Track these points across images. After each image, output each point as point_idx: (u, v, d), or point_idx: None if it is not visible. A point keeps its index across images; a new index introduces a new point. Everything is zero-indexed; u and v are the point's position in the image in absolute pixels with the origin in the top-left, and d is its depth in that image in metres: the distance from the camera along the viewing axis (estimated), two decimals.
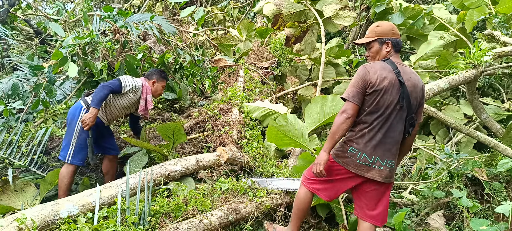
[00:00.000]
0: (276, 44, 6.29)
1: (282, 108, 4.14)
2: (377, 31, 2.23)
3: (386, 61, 2.17)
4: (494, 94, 5.41)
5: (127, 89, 3.24)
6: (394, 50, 2.21)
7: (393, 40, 2.21)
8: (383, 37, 2.21)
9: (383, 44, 2.22)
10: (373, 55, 2.26)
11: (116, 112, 3.32)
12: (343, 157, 2.19)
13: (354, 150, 2.15)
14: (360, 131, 2.14)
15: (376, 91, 2.08)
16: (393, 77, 2.09)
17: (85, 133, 3.08)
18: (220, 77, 5.43)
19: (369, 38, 2.25)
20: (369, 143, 2.12)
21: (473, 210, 2.72)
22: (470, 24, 4.84)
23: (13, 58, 4.82)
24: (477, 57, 3.82)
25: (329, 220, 3.11)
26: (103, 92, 3.05)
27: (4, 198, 2.91)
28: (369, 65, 2.14)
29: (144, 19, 4.31)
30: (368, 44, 2.27)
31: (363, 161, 2.13)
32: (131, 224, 2.33)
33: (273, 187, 3.00)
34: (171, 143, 3.50)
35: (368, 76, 2.10)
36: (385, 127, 2.11)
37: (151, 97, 3.40)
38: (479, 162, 3.37)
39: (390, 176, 2.17)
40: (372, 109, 2.11)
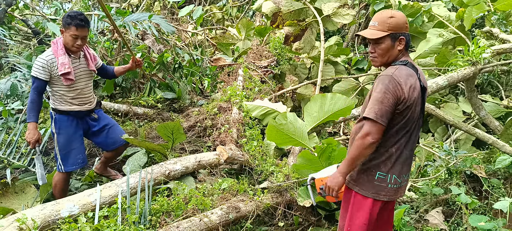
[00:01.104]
0: (275, 42, 6.29)
1: (281, 107, 4.15)
2: (391, 23, 1.76)
3: (407, 64, 1.78)
4: (493, 92, 5.42)
5: (44, 75, 2.64)
6: (405, 48, 1.81)
7: (407, 35, 1.80)
8: (398, 32, 1.77)
9: (396, 41, 1.78)
10: (381, 53, 1.81)
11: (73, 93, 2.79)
12: (371, 187, 1.82)
13: (382, 174, 1.81)
14: (386, 152, 1.80)
15: (409, 107, 1.72)
16: (418, 85, 1.75)
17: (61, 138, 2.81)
18: (219, 76, 5.43)
19: (381, 32, 1.77)
20: (397, 162, 1.81)
21: (472, 206, 2.74)
22: (469, 22, 4.85)
23: (11, 58, 4.81)
24: (476, 55, 3.83)
25: (329, 218, 3.12)
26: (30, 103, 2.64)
27: (4, 200, 2.91)
28: (397, 75, 1.72)
29: (143, 19, 4.30)
30: (377, 39, 1.79)
31: (393, 184, 1.82)
32: (131, 223, 2.34)
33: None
34: (170, 142, 3.50)
35: (400, 90, 1.69)
36: (410, 141, 1.82)
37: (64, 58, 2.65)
38: (477, 159, 3.38)
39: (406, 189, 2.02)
40: (401, 126, 1.76)
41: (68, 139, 2.83)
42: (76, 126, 2.88)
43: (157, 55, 4.63)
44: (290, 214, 3.03)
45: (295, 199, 3.00)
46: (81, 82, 2.84)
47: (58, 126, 2.82)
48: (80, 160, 2.90)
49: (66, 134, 2.83)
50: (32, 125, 2.65)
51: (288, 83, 5.85)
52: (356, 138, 1.76)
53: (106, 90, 4.50)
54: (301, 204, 2.93)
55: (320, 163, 3.01)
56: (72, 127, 2.85)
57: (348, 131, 5.05)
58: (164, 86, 4.87)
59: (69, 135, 2.83)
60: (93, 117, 2.98)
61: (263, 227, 2.92)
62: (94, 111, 3.00)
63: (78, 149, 2.88)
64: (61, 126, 2.82)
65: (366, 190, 1.83)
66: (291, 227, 2.99)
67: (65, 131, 2.82)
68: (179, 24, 6.34)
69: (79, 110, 2.86)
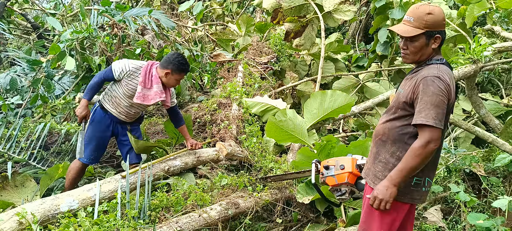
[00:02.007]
0: (276, 39, 6.28)
1: (281, 104, 4.14)
2: (428, 21, 1.64)
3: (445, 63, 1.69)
4: (493, 90, 5.42)
5: (118, 74, 2.84)
6: (439, 47, 1.71)
7: (443, 33, 1.69)
8: (434, 30, 1.65)
9: (431, 39, 1.67)
10: (414, 51, 1.70)
11: (123, 103, 2.95)
12: (408, 192, 1.74)
13: (419, 179, 1.73)
14: None
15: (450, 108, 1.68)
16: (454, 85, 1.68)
17: (89, 129, 2.96)
18: (219, 72, 5.42)
19: (416, 29, 1.66)
20: (432, 165, 1.76)
21: (470, 204, 2.74)
22: (470, 19, 4.83)
23: (10, 53, 4.80)
24: (476, 53, 3.82)
25: (328, 214, 3.13)
26: (93, 80, 2.86)
27: (4, 194, 2.91)
28: (444, 75, 1.63)
29: (142, 14, 4.28)
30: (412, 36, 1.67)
31: (427, 186, 1.77)
32: (131, 218, 2.34)
33: None
34: (174, 140, 3.50)
35: (450, 91, 1.63)
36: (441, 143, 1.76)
37: (159, 87, 2.89)
38: (477, 157, 3.38)
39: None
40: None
41: (94, 133, 2.96)
42: (108, 127, 3.00)
43: (157, 50, 4.61)
44: (289, 211, 3.04)
45: (294, 195, 3.00)
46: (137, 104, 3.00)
47: (94, 117, 2.98)
48: (94, 157, 3.00)
49: (95, 127, 2.96)
50: (84, 101, 2.85)
51: (288, 80, 5.84)
52: (415, 147, 1.63)
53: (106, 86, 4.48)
54: (300, 201, 2.94)
55: (320, 159, 3.01)
56: (104, 124, 2.98)
57: (347, 128, 5.05)
58: None
59: (97, 130, 2.96)
60: (126, 127, 3.09)
61: (262, 223, 2.93)
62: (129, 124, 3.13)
63: (98, 146, 2.99)
64: (96, 118, 2.96)
65: (402, 196, 1.73)
66: (290, 223, 3.01)
67: (96, 125, 2.96)
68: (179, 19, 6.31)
69: (116, 116, 3.01)
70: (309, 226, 2.91)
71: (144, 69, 2.88)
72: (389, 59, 5.69)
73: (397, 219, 1.78)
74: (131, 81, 2.88)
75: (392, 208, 1.72)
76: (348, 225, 2.74)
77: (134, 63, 2.90)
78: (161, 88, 2.90)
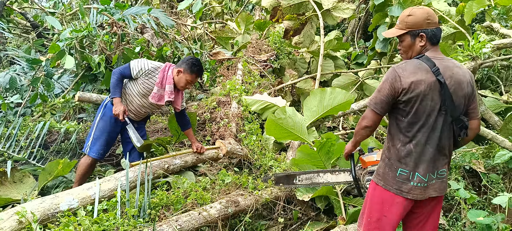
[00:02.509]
0: (275, 37, 6.26)
1: (280, 101, 4.14)
2: (409, 21, 1.85)
3: (421, 58, 1.82)
4: (493, 87, 5.42)
5: (136, 72, 2.91)
6: (430, 43, 1.84)
7: (428, 31, 1.83)
8: (416, 29, 1.84)
9: (417, 38, 1.85)
10: (405, 50, 1.91)
11: (137, 101, 3.01)
12: (394, 183, 1.85)
13: (404, 171, 1.83)
14: (405, 149, 1.83)
15: (412, 98, 1.76)
16: (430, 79, 1.76)
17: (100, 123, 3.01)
18: (219, 70, 5.41)
19: (400, 30, 1.89)
20: (420, 160, 1.81)
21: (471, 201, 2.74)
22: (469, 16, 4.82)
23: (10, 52, 4.79)
24: (476, 50, 3.82)
25: (328, 212, 3.13)
26: (113, 78, 2.89)
27: (2, 189, 2.92)
28: (400, 67, 1.80)
29: (142, 12, 4.28)
30: (399, 37, 1.90)
31: (417, 182, 1.82)
32: (131, 217, 2.34)
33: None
34: (175, 137, 3.51)
35: (399, 82, 1.77)
36: (433, 138, 1.80)
37: (171, 88, 2.94)
38: (477, 154, 3.39)
39: (445, 187, 1.91)
40: (411, 119, 1.80)
41: (105, 127, 3.00)
42: (117, 122, 3.01)
43: (156, 48, 4.61)
44: (289, 209, 3.04)
45: (294, 193, 3.00)
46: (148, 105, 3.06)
47: (104, 112, 3.02)
48: (103, 151, 3.04)
49: (106, 122, 3.00)
50: (116, 99, 2.87)
51: (287, 78, 5.84)
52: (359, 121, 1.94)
53: (105, 84, 4.48)
54: (300, 199, 2.94)
55: (320, 157, 3.02)
56: (114, 120, 2.98)
57: (347, 126, 5.06)
58: None
59: (107, 124, 3.01)
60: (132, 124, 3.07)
61: (262, 221, 2.93)
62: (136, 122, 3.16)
63: (107, 141, 3.03)
64: (106, 113, 3.00)
65: (389, 185, 1.87)
66: (290, 221, 3.01)
67: (107, 119, 3.00)
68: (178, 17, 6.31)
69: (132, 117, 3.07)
70: (309, 224, 2.91)
71: (163, 70, 2.95)
72: (389, 56, 5.69)
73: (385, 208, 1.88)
74: (148, 81, 2.94)
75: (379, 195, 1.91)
76: (348, 222, 2.74)
77: (153, 63, 2.96)
78: (171, 89, 2.94)
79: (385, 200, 1.88)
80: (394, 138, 1.87)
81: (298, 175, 2.79)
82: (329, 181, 2.63)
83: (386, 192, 1.88)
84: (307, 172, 2.74)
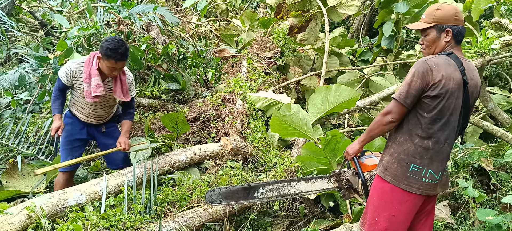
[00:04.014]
0: (279, 34, 6.25)
1: (285, 99, 4.14)
2: (437, 15, 1.80)
3: (450, 55, 1.77)
4: (501, 84, 5.35)
5: (66, 80, 2.66)
6: (455, 40, 1.81)
7: (454, 28, 1.79)
8: (443, 24, 1.79)
9: (442, 33, 1.80)
10: (428, 45, 1.85)
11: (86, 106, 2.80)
12: (404, 177, 1.80)
13: (417, 167, 1.79)
14: (422, 145, 1.78)
15: (441, 94, 1.71)
16: (459, 77, 1.73)
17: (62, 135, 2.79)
18: (223, 67, 5.42)
19: (426, 23, 1.83)
20: (436, 158, 1.78)
21: (479, 200, 2.71)
22: (476, 12, 4.76)
23: (19, 50, 4.85)
24: (484, 46, 3.77)
25: (333, 209, 3.13)
26: (52, 97, 2.73)
27: (11, 181, 3.00)
28: (431, 61, 1.74)
29: (147, 10, 4.30)
30: (424, 30, 1.85)
31: (429, 179, 1.79)
32: (137, 213, 2.37)
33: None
34: (175, 133, 3.52)
35: (430, 75, 1.71)
36: (451, 137, 1.79)
37: (97, 80, 2.60)
38: (485, 152, 3.35)
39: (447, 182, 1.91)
40: (435, 116, 1.75)
41: (68, 137, 2.82)
42: (81, 130, 2.85)
43: (161, 46, 4.63)
44: (294, 206, 3.04)
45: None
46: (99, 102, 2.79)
47: (66, 121, 2.84)
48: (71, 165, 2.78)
49: (68, 132, 2.82)
50: (54, 117, 2.73)
51: (292, 75, 5.83)
52: (378, 114, 1.84)
53: None
54: (305, 196, 2.94)
55: (325, 154, 3.01)
56: (76, 128, 2.84)
57: (352, 123, 5.04)
58: (169, 77, 4.88)
59: (70, 134, 2.82)
60: (100, 129, 2.93)
61: (267, 218, 2.94)
62: (104, 126, 2.96)
63: (72, 150, 2.82)
64: (67, 123, 2.83)
65: (398, 180, 1.81)
66: (296, 218, 3.01)
67: (69, 129, 2.82)
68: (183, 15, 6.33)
69: (85, 121, 2.85)
70: (315, 221, 2.91)
71: (86, 63, 2.64)
72: (394, 53, 5.65)
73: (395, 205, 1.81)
74: (78, 81, 2.68)
75: (389, 192, 1.83)
76: (354, 220, 2.74)
77: (75, 61, 2.69)
78: (98, 81, 2.62)
79: (394, 197, 1.81)
80: (410, 132, 1.80)
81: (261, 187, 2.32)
82: (302, 190, 2.38)
83: (394, 188, 1.81)
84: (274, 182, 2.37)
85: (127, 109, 2.95)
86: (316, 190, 2.38)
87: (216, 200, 2.34)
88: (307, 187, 2.38)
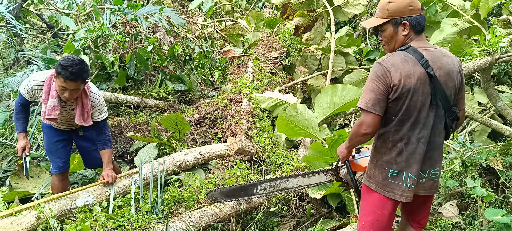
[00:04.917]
0: (285, 34, 6.25)
1: (291, 99, 4.13)
2: (390, 9, 1.69)
3: (407, 49, 1.67)
4: (510, 82, 5.28)
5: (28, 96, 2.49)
6: (414, 32, 1.69)
7: (411, 19, 1.67)
8: (398, 17, 1.68)
9: (399, 27, 1.69)
10: (387, 41, 1.75)
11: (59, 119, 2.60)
12: (386, 184, 1.74)
13: (395, 172, 1.71)
14: (395, 148, 1.70)
15: (403, 94, 1.62)
16: (420, 72, 1.62)
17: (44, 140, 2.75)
18: (229, 68, 5.43)
19: (380, 19, 1.73)
20: (413, 160, 1.68)
21: (488, 199, 2.68)
22: (484, 10, 4.70)
23: (27, 52, 4.92)
24: (492, 44, 3.72)
25: (340, 209, 3.11)
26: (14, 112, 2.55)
27: (20, 182, 3.04)
28: (387, 61, 1.64)
29: (154, 12, 4.33)
30: (380, 26, 1.74)
31: (410, 183, 1.70)
32: (144, 213, 2.38)
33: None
34: (177, 134, 3.53)
35: (389, 76, 1.61)
36: (424, 134, 1.67)
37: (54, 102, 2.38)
38: (494, 151, 3.30)
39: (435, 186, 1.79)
40: (402, 117, 1.66)
41: (48, 143, 2.74)
42: (58, 134, 2.73)
43: (167, 47, 4.66)
44: (301, 206, 3.04)
45: (306, 190, 3.00)
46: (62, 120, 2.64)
47: (43, 129, 2.77)
48: (61, 163, 2.75)
49: (47, 138, 2.74)
50: (18, 135, 2.54)
51: (298, 75, 5.82)
52: (354, 125, 1.75)
53: (119, 83, 4.56)
54: (312, 196, 2.93)
55: (331, 154, 3.00)
56: (53, 133, 2.72)
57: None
58: (175, 78, 4.90)
59: (49, 139, 2.74)
60: (78, 133, 2.80)
61: (274, 218, 2.93)
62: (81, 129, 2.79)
63: (57, 153, 2.73)
64: (44, 130, 2.75)
65: (381, 187, 1.75)
66: (303, 218, 3.00)
67: (47, 135, 2.74)
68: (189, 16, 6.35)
69: (57, 128, 2.72)
70: (322, 221, 2.90)
71: (47, 82, 2.41)
72: None
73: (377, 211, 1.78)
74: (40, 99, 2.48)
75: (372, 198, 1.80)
76: None
77: (36, 78, 2.45)
78: (55, 103, 2.39)
79: (377, 203, 1.77)
80: (383, 137, 1.73)
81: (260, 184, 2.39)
82: (300, 185, 2.40)
83: (377, 195, 1.76)
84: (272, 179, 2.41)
85: (99, 135, 2.64)
86: (314, 183, 2.39)
87: (218, 199, 2.42)
88: (305, 182, 2.40)
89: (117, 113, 4.54)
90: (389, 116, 1.69)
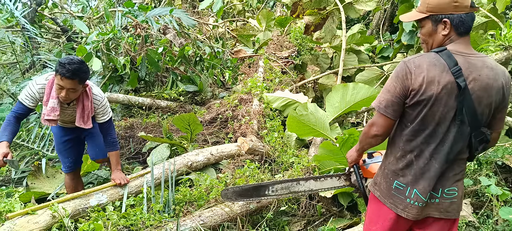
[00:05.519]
0: (296, 32, 6.22)
1: (302, 98, 4.11)
2: (431, 3, 1.46)
3: (441, 52, 1.44)
4: None
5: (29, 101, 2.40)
6: (456, 32, 1.45)
7: (454, 17, 1.43)
8: (439, 13, 1.45)
9: (439, 24, 1.47)
10: (424, 39, 1.54)
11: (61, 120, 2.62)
12: (389, 195, 1.58)
13: (401, 185, 1.54)
14: (404, 159, 1.53)
15: (422, 101, 1.43)
16: (448, 80, 1.40)
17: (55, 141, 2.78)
18: (240, 68, 5.44)
19: (419, 13, 1.51)
20: (421, 176, 1.50)
21: (503, 198, 2.61)
22: (502, 4, 4.56)
23: (42, 56, 5.05)
24: (508, 39, 3.61)
25: (351, 208, 3.09)
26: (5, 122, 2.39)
27: (37, 183, 3.15)
28: (412, 62, 1.45)
29: (164, 13, 4.38)
30: (419, 22, 1.53)
31: (414, 200, 1.51)
32: (156, 212, 2.42)
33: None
34: (189, 134, 3.56)
35: (409, 79, 1.43)
36: (441, 151, 1.47)
37: (54, 103, 2.36)
38: (510, 148, 3.21)
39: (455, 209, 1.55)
40: (417, 126, 1.48)
41: (57, 143, 2.78)
42: (64, 133, 2.74)
43: (178, 49, 4.70)
44: (311, 205, 3.02)
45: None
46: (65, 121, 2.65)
47: (51, 129, 2.81)
48: (70, 163, 2.80)
49: (56, 138, 2.79)
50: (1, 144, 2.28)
51: (309, 74, 5.78)
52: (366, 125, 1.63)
53: (131, 84, 4.63)
54: (322, 195, 2.92)
55: (342, 153, 2.97)
56: (61, 133, 2.74)
57: None
58: (186, 79, 4.95)
59: (58, 139, 2.77)
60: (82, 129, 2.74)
61: (284, 217, 2.93)
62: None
63: (65, 153, 2.77)
64: (53, 130, 2.79)
65: (384, 197, 1.60)
66: (313, 217, 2.99)
67: (56, 135, 2.78)
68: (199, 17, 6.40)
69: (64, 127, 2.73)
70: (332, 220, 2.88)
71: (48, 84, 2.38)
72: (416, 49, 5.50)
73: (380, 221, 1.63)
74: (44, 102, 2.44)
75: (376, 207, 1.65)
76: None
77: (39, 81, 2.41)
78: (54, 104, 2.36)
79: (380, 213, 1.62)
80: (394, 144, 1.58)
81: (271, 185, 2.37)
82: (312, 188, 2.35)
83: (381, 204, 1.62)
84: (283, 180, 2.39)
85: (105, 137, 2.65)
86: (327, 187, 2.35)
87: (231, 197, 2.45)
88: (317, 185, 2.36)
89: (130, 115, 4.62)
90: (404, 122, 1.52)
